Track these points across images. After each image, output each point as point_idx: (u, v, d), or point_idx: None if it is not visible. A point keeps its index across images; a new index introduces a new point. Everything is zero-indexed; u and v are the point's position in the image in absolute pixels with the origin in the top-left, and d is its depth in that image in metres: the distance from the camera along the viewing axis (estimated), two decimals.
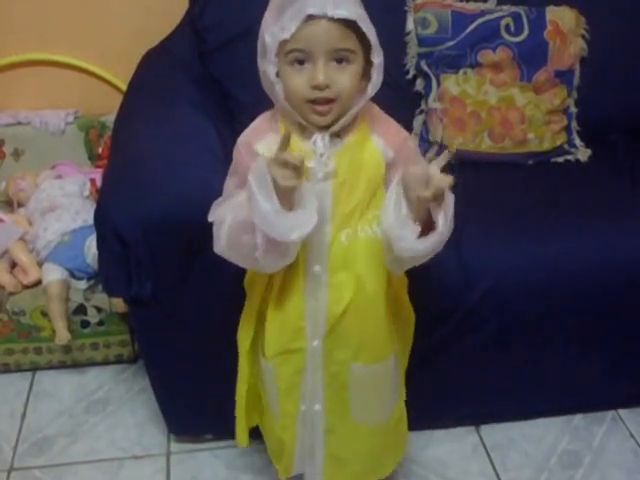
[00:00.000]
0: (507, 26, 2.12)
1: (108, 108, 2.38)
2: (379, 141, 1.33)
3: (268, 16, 1.23)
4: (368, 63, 1.26)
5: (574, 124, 2.22)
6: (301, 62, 1.22)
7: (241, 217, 1.26)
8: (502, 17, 2.12)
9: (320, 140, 1.28)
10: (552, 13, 2.14)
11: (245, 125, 1.59)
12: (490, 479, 1.92)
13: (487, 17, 2.12)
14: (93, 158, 2.46)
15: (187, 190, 1.59)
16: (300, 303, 1.40)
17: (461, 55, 2.12)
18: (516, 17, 2.12)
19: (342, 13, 1.18)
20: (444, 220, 1.25)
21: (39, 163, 2.39)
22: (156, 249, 1.61)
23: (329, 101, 1.24)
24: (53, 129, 2.41)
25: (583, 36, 2.19)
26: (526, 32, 2.12)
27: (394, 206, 1.28)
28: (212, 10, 2.13)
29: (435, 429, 2.03)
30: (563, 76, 2.16)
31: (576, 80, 2.20)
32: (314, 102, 1.24)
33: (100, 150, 2.41)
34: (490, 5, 2.16)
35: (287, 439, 1.57)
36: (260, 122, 1.37)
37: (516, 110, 2.14)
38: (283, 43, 1.20)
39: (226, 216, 1.29)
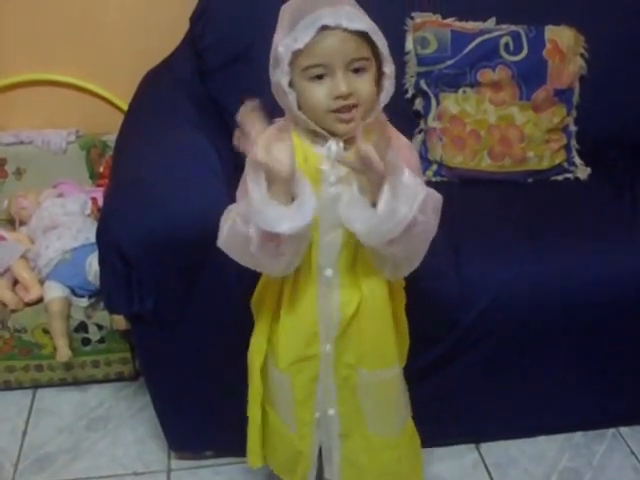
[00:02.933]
0: (506, 45, 2.13)
1: (109, 127, 2.41)
2: None
3: (280, 29, 1.27)
4: (379, 73, 1.29)
5: (573, 142, 2.23)
6: (320, 77, 1.25)
7: (241, 209, 1.28)
8: (501, 36, 2.14)
9: (334, 145, 1.30)
10: (551, 32, 2.16)
11: None
12: None
13: (486, 36, 2.14)
14: (94, 177, 2.49)
15: (188, 208, 1.61)
16: (313, 308, 1.42)
17: (460, 74, 2.14)
18: (515, 36, 2.14)
19: (356, 25, 1.22)
20: (389, 195, 1.23)
21: (41, 182, 2.42)
22: (158, 266, 1.62)
23: (353, 107, 1.26)
24: (55, 148, 2.44)
25: (582, 55, 2.20)
26: (525, 51, 2.13)
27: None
28: (213, 31, 2.15)
29: (435, 447, 2.02)
30: (562, 95, 2.17)
31: (575, 98, 2.21)
32: (338, 111, 1.26)
33: (101, 169, 2.44)
34: (489, 24, 2.18)
35: (304, 449, 1.58)
36: (272, 132, 1.37)
37: (515, 129, 2.15)
38: (296, 54, 1.23)
39: (231, 210, 1.32)
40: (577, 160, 2.23)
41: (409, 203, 1.23)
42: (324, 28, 1.22)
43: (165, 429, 1.95)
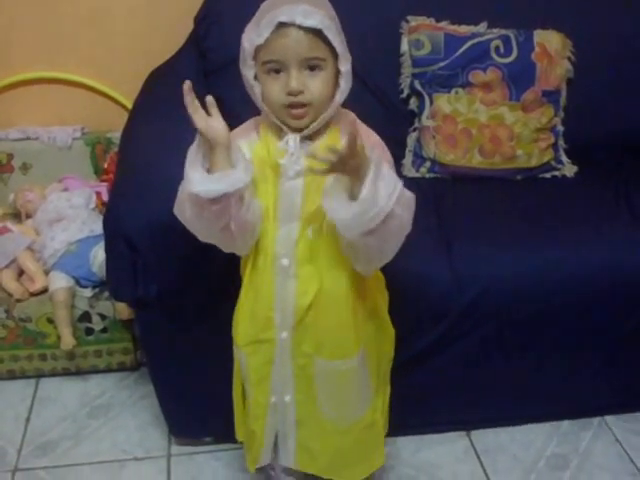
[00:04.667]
0: (497, 48, 2.20)
1: (113, 125, 2.46)
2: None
3: (248, 26, 1.34)
4: (338, 72, 1.34)
5: (561, 142, 2.30)
6: (277, 71, 1.32)
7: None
8: (492, 39, 2.21)
9: (292, 140, 1.36)
10: (540, 36, 2.22)
11: None
12: None
13: (478, 39, 2.21)
14: (98, 172, 2.53)
15: None
16: (270, 294, 1.47)
17: (453, 75, 2.20)
18: (505, 39, 2.21)
19: (310, 22, 1.28)
20: (369, 187, 1.26)
21: (46, 177, 2.46)
22: (163, 253, 1.67)
23: (303, 105, 1.32)
24: (61, 144, 2.48)
25: (569, 58, 2.27)
26: (515, 54, 2.20)
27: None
28: (217, 31, 2.21)
29: (426, 434, 2.08)
30: (550, 96, 2.24)
31: (563, 100, 2.28)
32: (290, 106, 1.33)
33: (105, 165, 2.48)
34: (481, 28, 2.24)
35: (257, 429, 1.62)
36: (247, 124, 1.47)
37: (505, 128, 2.21)
38: (258, 49, 1.31)
39: None
40: (564, 158, 2.29)
41: (388, 193, 1.28)
42: (281, 25, 1.28)
43: (166, 415, 2.00)
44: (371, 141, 1.40)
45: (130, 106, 2.39)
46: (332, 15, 1.33)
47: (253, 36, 1.31)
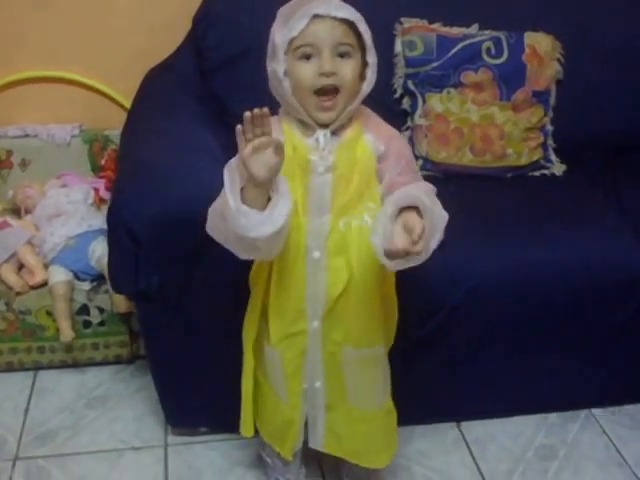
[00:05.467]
0: (488, 49, 2.25)
1: (111, 123, 2.50)
2: (370, 137, 1.45)
3: (276, 23, 1.39)
4: (363, 65, 1.40)
5: (550, 141, 2.35)
6: (308, 57, 1.36)
7: (218, 204, 1.37)
8: (483, 41, 2.26)
9: (322, 136, 1.41)
10: (530, 38, 2.28)
11: None
12: (470, 470, 2.01)
13: (469, 41, 2.26)
14: (96, 169, 2.55)
15: (195, 191, 1.67)
16: (301, 287, 1.51)
17: (445, 75, 2.25)
18: (496, 41, 2.26)
19: (344, 14, 1.34)
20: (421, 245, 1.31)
21: (45, 173, 2.49)
22: (164, 246, 1.70)
23: (334, 91, 1.37)
24: (59, 141, 2.51)
25: (558, 60, 2.32)
26: (506, 55, 2.25)
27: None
28: (214, 30, 2.25)
29: (418, 425, 2.11)
30: (540, 96, 2.29)
31: (552, 100, 2.33)
32: (321, 93, 1.37)
33: (103, 162, 2.51)
34: (472, 30, 2.29)
35: (295, 417, 1.66)
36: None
37: (496, 127, 2.27)
38: (292, 41, 1.35)
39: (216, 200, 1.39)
40: (553, 157, 2.35)
41: (438, 235, 1.34)
42: (315, 16, 1.34)
43: (163, 405, 2.02)
44: (389, 134, 1.48)
45: (127, 105, 2.44)
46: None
47: (285, 30, 1.35)
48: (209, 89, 2.27)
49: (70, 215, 2.28)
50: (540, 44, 2.29)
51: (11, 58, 2.50)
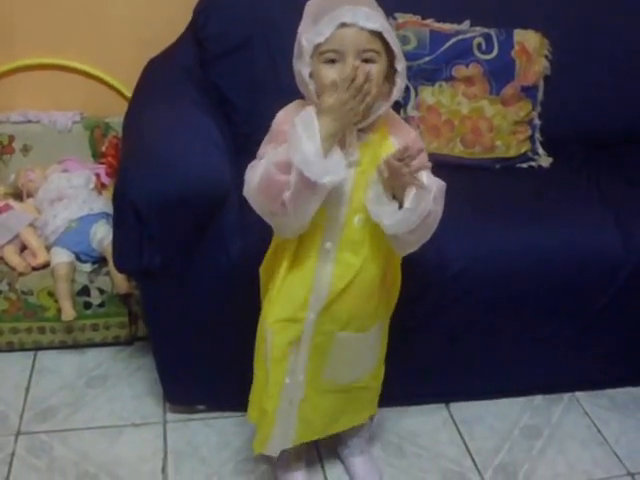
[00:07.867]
0: (479, 45, 2.31)
1: (111, 110, 2.56)
2: (395, 140, 1.50)
3: (304, 24, 1.42)
4: (391, 71, 1.44)
5: (537, 135, 2.42)
6: (333, 61, 1.40)
7: (279, 158, 1.39)
8: (474, 37, 2.32)
9: (348, 132, 1.44)
10: (519, 35, 2.34)
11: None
12: (459, 447, 2.09)
13: (461, 36, 2.32)
14: (96, 155, 2.59)
15: (199, 172, 1.75)
16: (310, 276, 1.55)
17: (437, 69, 2.31)
18: (487, 37, 2.32)
19: (372, 25, 1.37)
20: (414, 198, 1.41)
21: (46, 158, 2.52)
22: (168, 224, 1.74)
23: None
24: (60, 127, 2.55)
25: (546, 56, 2.39)
26: (496, 51, 2.32)
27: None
28: (215, 21, 2.28)
29: (408, 405, 2.19)
30: (528, 91, 2.36)
31: (540, 95, 2.40)
32: None
33: (103, 148, 2.54)
34: (464, 26, 2.35)
35: (269, 408, 1.68)
36: (295, 105, 1.52)
37: (485, 120, 2.33)
38: (317, 46, 1.39)
39: (262, 161, 1.44)
40: (540, 150, 2.41)
41: (427, 200, 1.42)
42: (343, 25, 1.37)
43: (163, 383, 2.07)
44: (410, 136, 1.53)
45: (128, 93, 2.49)
46: (384, 16, 1.43)
47: (312, 35, 1.39)
48: (209, 79, 2.30)
49: (72, 199, 2.33)
50: (529, 41, 2.35)
51: (12, 45, 2.52)
